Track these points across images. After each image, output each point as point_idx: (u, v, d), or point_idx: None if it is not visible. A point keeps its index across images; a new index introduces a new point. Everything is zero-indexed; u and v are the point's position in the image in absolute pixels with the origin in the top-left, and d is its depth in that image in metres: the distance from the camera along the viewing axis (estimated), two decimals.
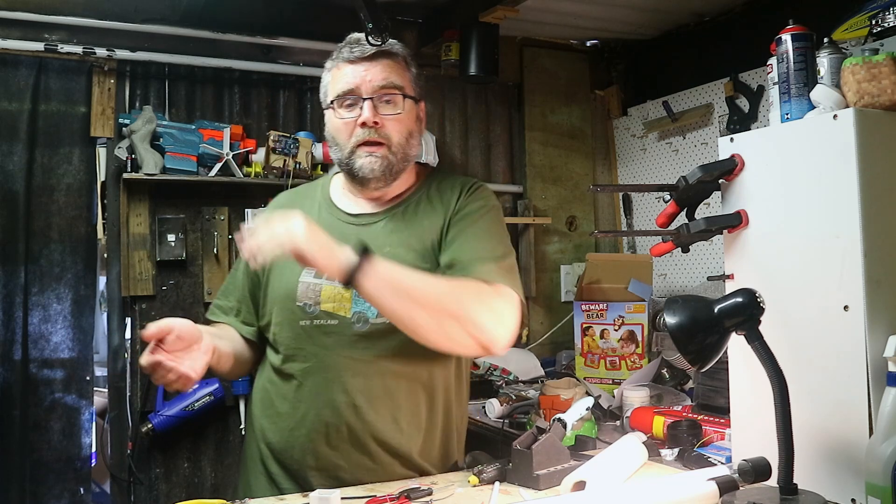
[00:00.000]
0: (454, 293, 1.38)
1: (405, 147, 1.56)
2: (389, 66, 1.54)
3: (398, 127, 1.54)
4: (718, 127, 2.93)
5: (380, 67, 1.53)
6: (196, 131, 2.64)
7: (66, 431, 2.53)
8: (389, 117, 1.53)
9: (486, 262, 1.47)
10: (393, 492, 1.40)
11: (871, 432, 1.27)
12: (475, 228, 1.53)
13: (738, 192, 1.53)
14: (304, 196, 1.70)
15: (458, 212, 1.56)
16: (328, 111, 1.58)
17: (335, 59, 1.57)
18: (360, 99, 1.52)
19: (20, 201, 2.49)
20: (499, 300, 1.42)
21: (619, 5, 2.91)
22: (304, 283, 1.55)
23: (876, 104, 1.37)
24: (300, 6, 2.74)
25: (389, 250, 1.52)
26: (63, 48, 2.53)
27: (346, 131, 1.53)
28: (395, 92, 1.54)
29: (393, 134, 1.53)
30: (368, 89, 1.52)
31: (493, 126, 3.36)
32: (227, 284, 1.74)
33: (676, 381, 2.50)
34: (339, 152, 1.56)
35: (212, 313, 1.72)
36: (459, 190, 1.60)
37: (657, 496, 1.29)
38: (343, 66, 1.55)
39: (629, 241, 3.39)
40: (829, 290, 1.35)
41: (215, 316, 1.70)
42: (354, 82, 1.52)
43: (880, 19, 2.05)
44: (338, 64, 1.56)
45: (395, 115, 1.53)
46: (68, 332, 2.55)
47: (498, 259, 1.49)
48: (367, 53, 1.53)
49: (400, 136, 1.54)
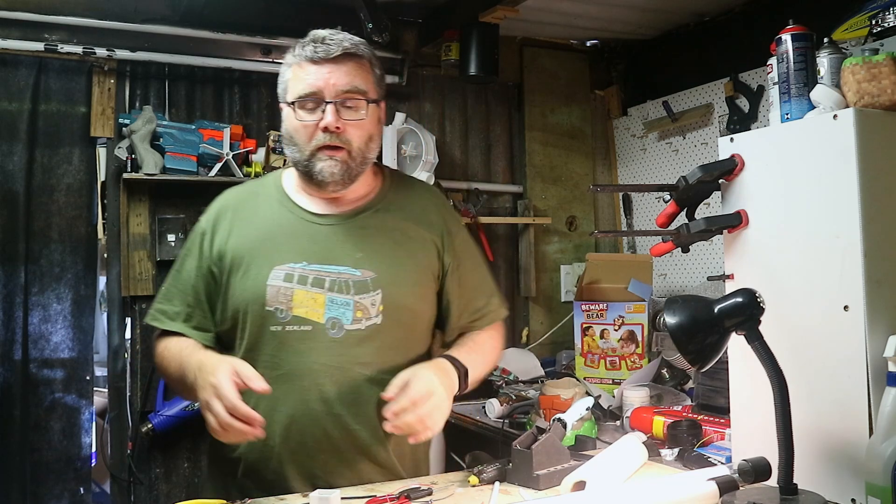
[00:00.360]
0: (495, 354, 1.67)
1: (365, 151, 1.52)
2: (354, 69, 1.49)
3: (360, 132, 1.50)
4: (718, 127, 2.93)
5: (344, 70, 1.48)
6: (196, 131, 2.64)
7: (66, 431, 2.53)
8: (352, 122, 1.48)
9: (494, 298, 1.69)
10: (393, 492, 1.40)
11: (871, 432, 1.27)
12: (474, 262, 1.69)
13: (738, 192, 1.53)
14: (255, 193, 1.61)
15: (451, 237, 1.62)
16: (286, 110, 1.52)
17: (297, 55, 1.50)
18: (322, 102, 1.47)
19: (20, 201, 2.49)
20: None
21: (619, 5, 2.91)
22: (274, 287, 1.48)
23: (876, 104, 1.37)
24: (300, 6, 2.74)
25: (362, 256, 1.51)
26: (63, 48, 2.53)
27: (305, 134, 1.49)
28: (359, 97, 1.49)
29: (354, 139, 1.49)
30: (332, 93, 1.47)
31: (493, 126, 3.36)
32: (169, 287, 1.59)
33: (676, 381, 2.50)
34: (297, 153, 1.51)
35: (154, 319, 1.57)
36: (435, 205, 1.66)
37: (657, 496, 1.29)
38: (306, 65, 1.48)
39: (629, 241, 3.39)
40: (829, 290, 1.35)
41: (159, 322, 1.56)
42: (318, 84, 1.47)
43: (880, 19, 2.05)
44: (300, 62, 1.49)
45: (358, 121, 1.49)
46: (68, 332, 2.56)
47: (495, 289, 1.73)
48: (333, 55, 1.47)
49: (360, 141, 1.50)
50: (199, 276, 1.55)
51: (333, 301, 1.48)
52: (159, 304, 1.58)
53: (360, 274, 1.50)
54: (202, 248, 1.56)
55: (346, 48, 1.48)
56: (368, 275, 1.51)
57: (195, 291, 1.55)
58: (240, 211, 1.58)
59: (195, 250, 1.57)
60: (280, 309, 1.48)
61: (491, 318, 1.68)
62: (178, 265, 1.60)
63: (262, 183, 1.65)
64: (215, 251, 1.54)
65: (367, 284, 1.50)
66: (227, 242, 1.54)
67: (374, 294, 1.50)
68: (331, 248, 1.52)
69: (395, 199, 1.61)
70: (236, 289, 1.51)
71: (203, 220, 1.59)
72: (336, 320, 1.48)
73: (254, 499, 1.43)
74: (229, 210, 1.58)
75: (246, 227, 1.55)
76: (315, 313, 1.48)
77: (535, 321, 3.34)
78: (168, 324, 1.55)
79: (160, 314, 1.57)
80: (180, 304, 1.55)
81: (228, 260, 1.52)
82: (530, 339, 3.31)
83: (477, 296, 1.67)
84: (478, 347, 1.61)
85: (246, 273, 1.50)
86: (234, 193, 1.63)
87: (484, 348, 1.62)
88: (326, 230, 1.53)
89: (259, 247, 1.52)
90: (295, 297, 1.48)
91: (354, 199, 1.58)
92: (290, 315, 1.48)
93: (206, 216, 1.60)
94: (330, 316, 1.48)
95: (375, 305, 1.50)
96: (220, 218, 1.57)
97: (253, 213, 1.57)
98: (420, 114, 3.15)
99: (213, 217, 1.58)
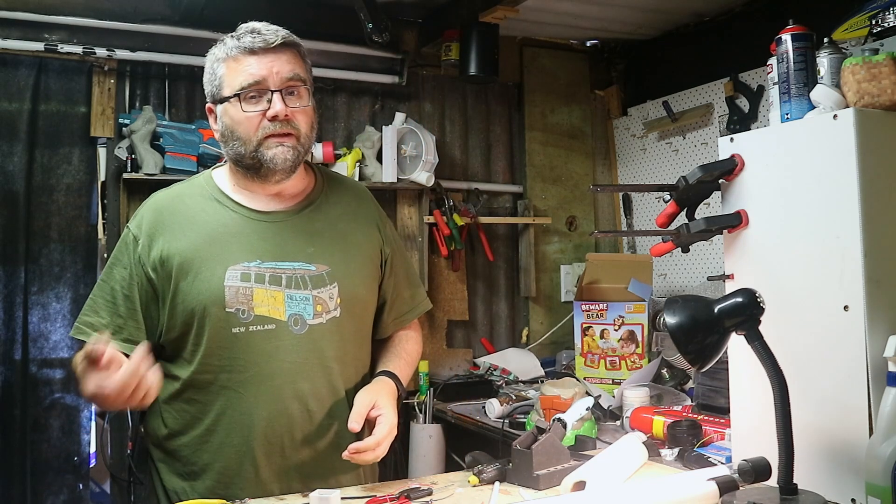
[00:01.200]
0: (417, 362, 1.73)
1: (310, 139, 1.52)
2: (293, 58, 1.49)
3: (305, 119, 1.49)
4: (718, 127, 2.93)
5: (285, 59, 1.47)
6: (196, 131, 2.64)
7: (66, 430, 2.53)
8: (297, 109, 1.47)
9: (419, 289, 1.77)
10: (393, 492, 1.41)
11: (871, 432, 1.27)
12: (402, 254, 1.74)
13: (738, 192, 1.53)
14: (189, 196, 1.55)
15: (385, 229, 1.68)
16: (224, 105, 1.48)
17: (230, 49, 1.47)
18: (267, 91, 1.45)
19: (20, 201, 2.49)
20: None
21: (619, 5, 2.91)
22: (232, 288, 1.45)
23: (876, 104, 1.37)
24: (300, 6, 2.74)
25: (314, 251, 1.52)
26: (63, 48, 2.53)
27: (250, 125, 1.45)
28: (301, 84, 1.48)
29: (302, 125, 1.48)
30: (276, 81, 1.45)
31: (493, 126, 3.36)
32: (94, 299, 1.51)
33: (676, 381, 2.50)
34: (240, 147, 1.47)
35: (80, 332, 1.49)
36: (368, 198, 1.71)
37: (657, 496, 1.29)
38: (243, 57, 1.45)
39: (629, 241, 3.39)
40: (829, 290, 1.35)
41: (86, 336, 1.46)
42: (261, 74, 1.44)
43: (880, 19, 2.05)
44: (236, 55, 1.46)
45: (303, 108, 1.49)
46: (67, 331, 2.55)
47: (419, 280, 1.81)
48: (272, 44, 1.45)
49: (307, 128, 1.50)
50: (132, 285, 1.49)
51: (292, 297, 1.48)
52: (85, 317, 1.50)
53: (315, 268, 1.51)
54: (135, 255, 1.49)
55: (283, 37, 1.48)
56: (323, 268, 1.52)
57: (128, 302, 1.48)
58: (176, 214, 1.52)
59: (125, 259, 1.50)
60: (241, 310, 1.45)
61: (419, 309, 1.74)
62: (104, 275, 1.53)
63: (193, 184, 1.59)
64: (153, 257, 1.48)
65: (323, 278, 1.51)
66: (168, 247, 1.48)
67: (332, 287, 1.52)
68: (281, 244, 1.51)
69: (331, 193, 1.62)
70: (188, 294, 1.46)
71: (132, 227, 1.52)
72: (298, 316, 1.48)
73: (254, 499, 1.43)
74: (163, 213, 1.52)
75: (187, 230, 1.50)
76: (276, 311, 1.47)
77: (535, 321, 3.34)
78: (94, 337, 1.42)
79: (87, 327, 1.49)
80: (108, 315, 1.48)
81: (174, 265, 1.47)
82: (530, 339, 3.31)
83: (406, 286, 1.71)
84: (410, 360, 1.68)
85: (197, 276, 1.46)
86: (163, 196, 1.57)
87: (413, 360, 1.70)
88: (274, 227, 1.52)
89: (207, 248, 1.48)
90: (255, 296, 1.46)
91: (295, 194, 1.58)
92: (252, 315, 1.46)
93: (134, 222, 1.53)
94: (291, 312, 1.48)
95: (333, 298, 1.52)
96: (154, 223, 1.51)
97: (191, 215, 1.52)
98: (420, 114, 3.15)
99: (146, 223, 1.51)
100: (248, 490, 1.46)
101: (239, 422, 1.46)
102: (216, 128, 1.53)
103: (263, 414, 1.46)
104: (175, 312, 1.47)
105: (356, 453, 1.39)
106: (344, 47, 2.91)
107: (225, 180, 1.57)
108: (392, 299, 1.67)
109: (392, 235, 1.71)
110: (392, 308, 1.67)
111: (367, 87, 3.04)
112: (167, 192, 1.58)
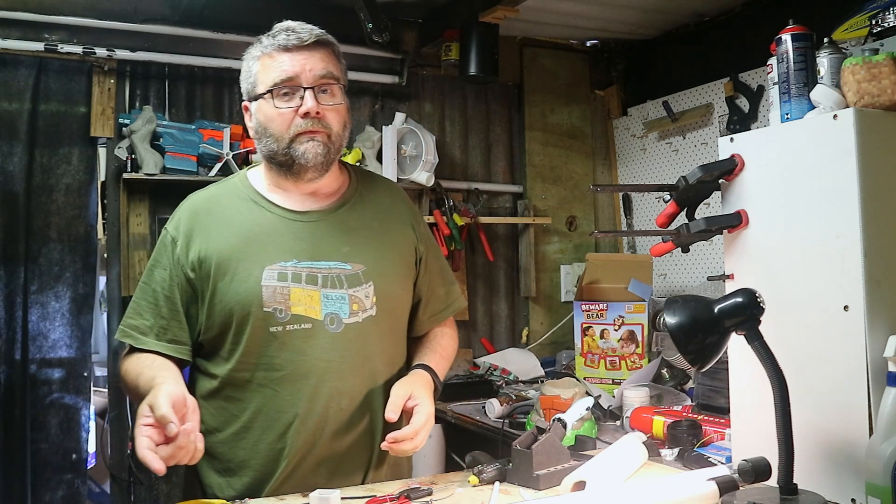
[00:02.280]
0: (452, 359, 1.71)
1: (342, 138, 1.53)
2: (327, 56, 1.50)
3: (337, 117, 1.50)
4: (718, 127, 2.93)
5: (318, 56, 1.48)
6: (196, 131, 2.64)
7: (65, 428, 2.53)
8: (329, 107, 1.48)
9: (454, 286, 1.75)
10: (393, 492, 1.40)
11: (871, 432, 1.27)
12: (436, 251, 1.72)
13: (738, 192, 1.53)
14: (224, 196, 1.57)
15: (419, 227, 1.67)
16: (257, 102, 1.50)
17: (266, 46, 1.49)
18: (300, 88, 1.46)
19: (20, 201, 2.49)
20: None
21: (619, 5, 2.91)
22: (269, 288, 1.46)
23: (876, 104, 1.37)
24: (300, 6, 2.73)
25: (349, 250, 1.52)
26: (63, 48, 2.53)
27: (283, 122, 1.47)
28: (334, 82, 1.49)
29: (333, 124, 1.49)
30: (309, 78, 1.46)
31: (493, 126, 3.36)
32: (138, 301, 1.52)
33: (676, 381, 2.50)
34: (272, 144, 1.48)
35: (126, 335, 1.50)
36: (401, 197, 1.70)
37: (657, 496, 1.29)
38: (278, 54, 1.47)
39: (629, 241, 3.39)
40: (829, 290, 1.35)
41: (132, 339, 1.49)
42: (294, 71, 1.46)
43: (880, 19, 2.05)
44: (271, 52, 1.48)
45: (335, 106, 1.49)
46: (66, 331, 2.56)
47: (453, 278, 1.78)
48: (306, 42, 1.47)
49: (339, 127, 1.51)
50: (173, 286, 1.49)
51: (328, 296, 1.48)
52: (130, 319, 1.51)
53: (351, 267, 1.51)
54: (174, 256, 1.50)
55: (318, 35, 1.49)
56: (358, 267, 1.52)
57: (170, 303, 1.49)
58: (212, 215, 1.53)
59: (165, 260, 1.51)
60: (278, 309, 1.46)
61: (454, 307, 1.73)
62: (145, 278, 1.53)
63: (229, 184, 1.61)
64: (191, 258, 1.48)
65: (358, 277, 1.51)
66: (205, 248, 1.48)
67: (367, 286, 1.52)
68: (317, 243, 1.51)
69: (365, 192, 1.63)
70: (226, 293, 1.47)
71: (170, 228, 1.53)
72: (334, 315, 1.48)
73: (254, 499, 1.43)
74: (199, 214, 1.53)
75: (223, 230, 1.50)
76: (313, 310, 1.48)
77: (535, 321, 3.34)
78: (141, 340, 1.48)
79: (132, 330, 1.50)
80: (151, 317, 1.49)
81: (211, 265, 1.47)
82: (530, 339, 3.31)
83: (440, 283, 1.70)
84: (446, 355, 1.66)
85: (235, 276, 1.47)
86: (199, 197, 1.58)
87: (449, 355, 1.68)
88: (310, 227, 1.53)
89: (243, 249, 1.48)
90: (292, 295, 1.47)
91: (330, 193, 1.58)
92: (290, 314, 1.46)
93: (172, 223, 1.54)
94: (328, 311, 1.48)
95: (369, 297, 1.52)
96: (191, 224, 1.52)
97: (227, 215, 1.52)
98: (420, 114, 3.16)
99: (183, 223, 1.52)
100: (284, 487, 1.47)
101: (275, 420, 1.46)
102: (251, 125, 1.54)
103: (299, 412, 1.47)
104: (213, 312, 1.48)
105: (395, 443, 1.38)
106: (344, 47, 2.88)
107: (260, 180, 1.58)
108: (427, 297, 1.67)
109: (426, 233, 1.70)
110: (427, 306, 1.67)
111: (367, 86, 3.04)
112: (203, 194, 1.59)
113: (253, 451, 1.48)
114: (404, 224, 1.64)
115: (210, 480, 1.52)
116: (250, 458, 1.49)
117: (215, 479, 1.51)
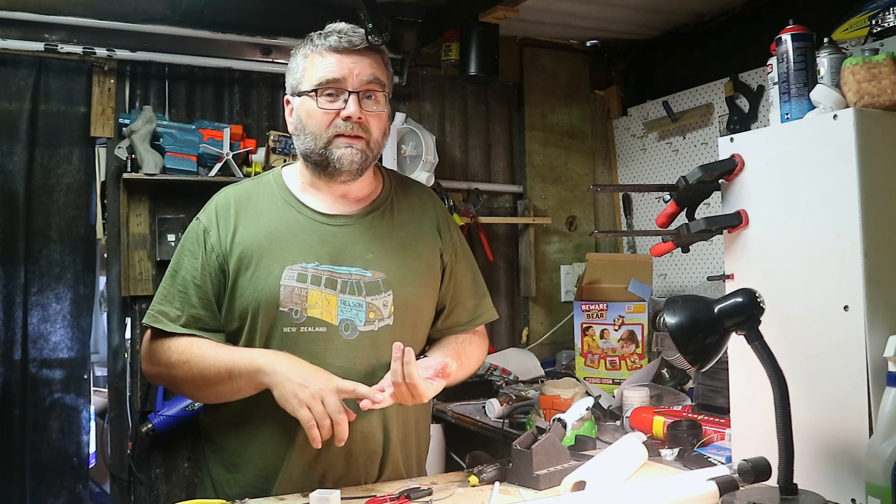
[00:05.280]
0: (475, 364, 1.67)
1: (380, 145, 1.53)
2: (376, 62, 1.51)
3: (378, 124, 1.51)
4: (718, 127, 2.93)
5: (368, 62, 1.49)
6: (196, 131, 2.64)
7: (65, 430, 2.53)
8: (372, 113, 1.49)
9: (485, 299, 1.71)
10: (393, 492, 1.40)
11: (871, 432, 1.27)
12: (468, 261, 1.70)
13: (738, 192, 1.53)
14: (256, 193, 1.57)
15: (449, 236, 1.65)
16: (301, 98, 1.50)
17: (317, 45, 1.50)
18: (344, 91, 1.47)
19: (20, 201, 2.49)
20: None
21: (619, 5, 2.91)
22: (287, 287, 1.45)
23: (876, 104, 1.37)
24: (300, 6, 2.74)
25: (372, 257, 1.51)
26: (63, 48, 2.53)
27: (323, 120, 1.47)
28: (379, 89, 1.50)
29: (374, 130, 1.50)
30: (355, 83, 1.47)
31: (493, 126, 3.36)
32: (166, 289, 1.52)
33: (676, 381, 2.50)
34: (310, 141, 1.49)
35: (155, 320, 1.50)
36: (434, 204, 1.67)
37: (657, 496, 1.29)
38: (328, 54, 1.48)
39: (629, 241, 3.39)
40: (829, 290, 1.35)
41: (162, 324, 1.49)
42: (341, 73, 1.47)
43: (880, 19, 2.05)
44: (321, 51, 1.49)
45: (378, 112, 1.50)
46: (67, 332, 2.56)
47: (486, 290, 1.73)
48: (357, 46, 1.48)
49: (378, 134, 1.51)
50: (205, 274, 1.49)
51: (346, 302, 1.48)
52: (159, 305, 1.51)
53: (372, 275, 1.51)
54: (207, 245, 1.50)
55: (370, 41, 1.50)
56: (379, 276, 1.51)
57: (200, 291, 1.49)
58: (243, 209, 1.53)
59: (197, 248, 1.51)
60: (294, 310, 1.46)
61: (482, 318, 1.70)
62: (174, 265, 1.53)
63: (262, 181, 1.61)
64: (223, 247, 1.49)
65: (378, 285, 1.50)
66: (234, 240, 1.49)
67: (386, 295, 1.51)
68: (341, 248, 1.51)
69: (397, 199, 1.62)
70: (245, 288, 1.47)
71: (203, 218, 1.54)
72: (349, 322, 1.48)
73: (254, 499, 1.43)
74: (231, 207, 1.53)
75: (252, 225, 1.51)
76: (329, 314, 1.47)
77: (535, 321, 3.34)
78: (170, 326, 1.48)
79: (161, 316, 1.50)
80: (181, 304, 1.50)
81: (236, 258, 1.48)
82: (530, 339, 3.31)
83: (470, 295, 1.68)
84: (464, 357, 1.60)
85: (255, 272, 1.47)
86: (233, 191, 1.58)
87: (470, 359, 1.64)
88: (336, 230, 1.52)
89: (268, 246, 1.49)
90: (310, 297, 1.46)
91: (361, 197, 1.58)
92: (305, 316, 1.46)
93: (205, 213, 1.54)
94: (343, 317, 1.48)
95: (387, 306, 1.51)
96: (223, 215, 1.52)
97: (257, 211, 1.53)
98: (420, 114, 3.15)
99: (216, 214, 1.53)
100: (287, 488, 1.46)
101: (283, 421, 1.44)
102: (290, 120, 1.55)
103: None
104: (233, 306, 1.49)
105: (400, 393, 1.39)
106: None
107: (294, 178, 1.58)
108: (451, 307, 1.65)
109: (457, 242, 1.68)
110: (449, 316, 1.65)
111: None
112: (236, 188, 1.60)
113: (260, 449, 1.48)
114: (432, 232, 1.63)
115: (218, 475, 1.53)
116: (257, 456, 1.49)
117: (223, 474, 1.52)
